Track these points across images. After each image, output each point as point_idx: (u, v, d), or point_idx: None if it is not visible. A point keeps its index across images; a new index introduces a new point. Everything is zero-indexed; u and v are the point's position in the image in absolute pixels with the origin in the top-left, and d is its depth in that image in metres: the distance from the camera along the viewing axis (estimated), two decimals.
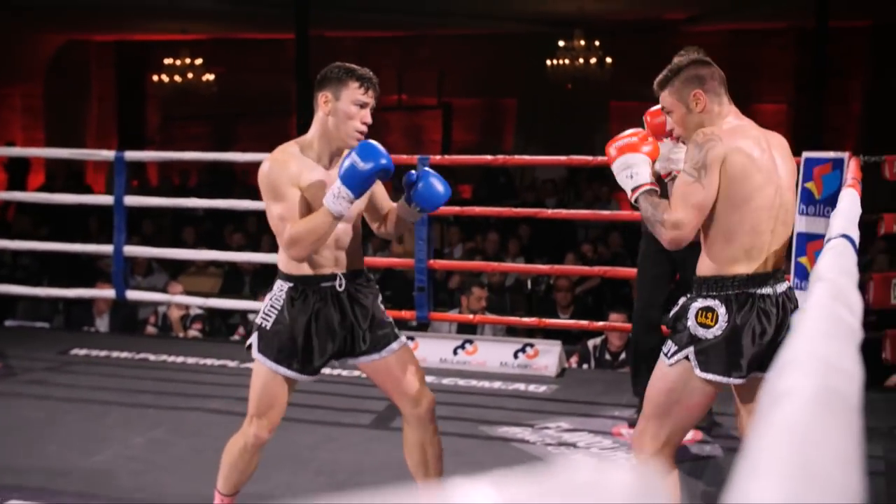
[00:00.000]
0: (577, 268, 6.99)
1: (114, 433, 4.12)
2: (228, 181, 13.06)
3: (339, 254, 2.76)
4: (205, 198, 6.30)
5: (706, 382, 2.44)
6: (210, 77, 13.99)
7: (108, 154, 5.65)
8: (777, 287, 2.47)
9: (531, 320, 5.32)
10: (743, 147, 2.42)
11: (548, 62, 13.03)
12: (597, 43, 12.84)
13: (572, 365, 5.61)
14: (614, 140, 2.60)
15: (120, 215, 5.57)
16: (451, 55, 14.51)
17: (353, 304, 2.77)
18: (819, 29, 10.74)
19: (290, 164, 2.65)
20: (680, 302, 2.52)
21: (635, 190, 2.52)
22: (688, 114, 2.51)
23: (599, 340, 5.73)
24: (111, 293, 5.78)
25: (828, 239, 2.32)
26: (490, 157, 5.20)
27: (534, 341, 5.33)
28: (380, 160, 2.55)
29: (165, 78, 13.96)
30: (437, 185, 2.77)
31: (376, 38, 14.72)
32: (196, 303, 6.06)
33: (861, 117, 13.11)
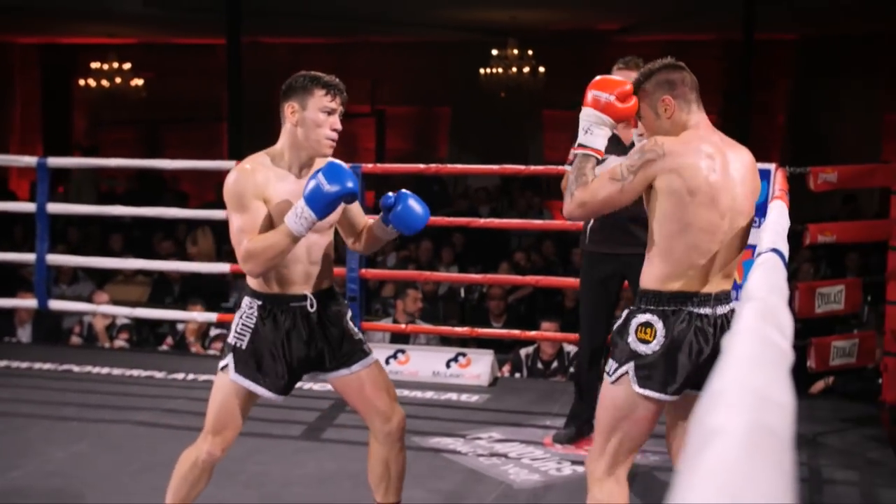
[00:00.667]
0: (510, 277, 7.00)
1: (34, 447, 4.00)
2: (157, 188, 12.83)
3: (311, 268, 2.71)
4: (133, 205, 6.16)
5: (645, 399, 2.42)
6: (139, 82, 13.74)
7: (31, 160, 5.49)
8: (717, 309, 2.42)
9: (464, 330, 5.31)
10: (686, 168, 2.35)
11: (481, 71, 13.06)
12: (530, 52, 12.91)
13: (505, 374, 5.61)
14: (599, 86, 2.45)
15: (42, 223, 5.43)
16: (385, 63, 14.47)
17: (324, 324, 2.74)
18: (746, 41, 10.94)
19: (258, 175, 2.60)
20: (624, 314, 2.49)
21: (581, 147, 2.47)
22: (656, 119, 2.45)
23: (532, 349, 5.74)
24: (33, 303, 5.63)
25: (758, 253, 2.33)
26: (423, 166, 5.18)
27: (466, 350, 5.32)
28: (346, 184, 2.50)
29: (93, 82, 13.66)
30: (416, 208, 2.73)
31: (309, 45, 14.61)
32: (122, 312, 5.93)
33: (785, 128, 13.40)
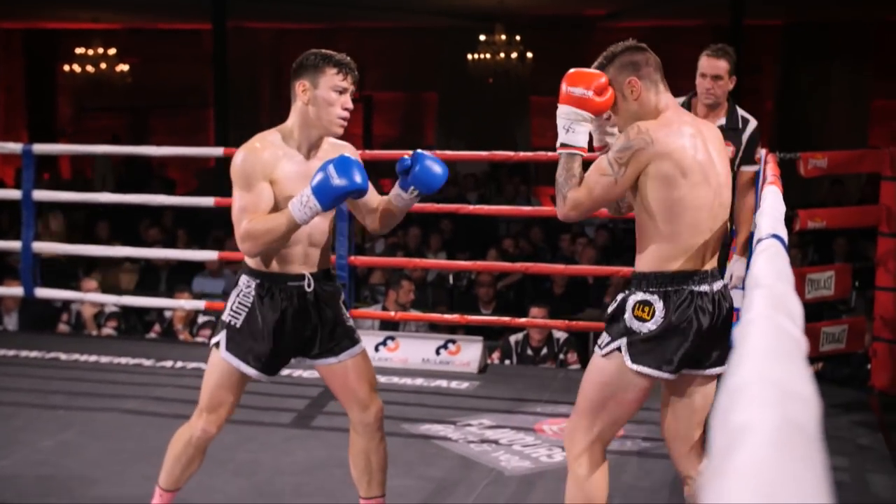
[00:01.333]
0: (499, 263, 6.99)
1: (22, 436, 3.98)
2: (144, 174, 12.76)
3: (311, 251, 2.69)
4: (119, 192, 6.12)
5: (638, 375, 2.40)
6: (124, 68, 13.62)
7: (15, 147, 5.44)
8: (714, 285, 2.44)
9: (453, 317, 5.30)
10: (675, 151, 2.36)
11: (469, 56, 13.02)
12: (517, 37, 12.87)
13: (494, 361, 5.61)
14: (573, 80, 2.43)
15: (28, 210, 5.38)
16: (372, 48, 14.40)
17: (320, 307, 2.71)
18: (733, 27, 10.94)
19: (265, 154, 2.58)
20: (618, 298, 2.48)
21: (564, 146, 2.45)
22: (623, 101, 2.44)
23: (521, 336, 5.74)
24: (19, 291, 5.59)
25: (758, 239, 2.31)
26: (411, 152, 5.14)
27: (456, 337, 5.31)
28: (354, 179, 2.48)
29: (77, 68, 13.54)
30: (435, 167, 2.73)
31: (295, 30, 14.53)
32: (110, 300, 5.90)
33: (773, 114, 13.42)
